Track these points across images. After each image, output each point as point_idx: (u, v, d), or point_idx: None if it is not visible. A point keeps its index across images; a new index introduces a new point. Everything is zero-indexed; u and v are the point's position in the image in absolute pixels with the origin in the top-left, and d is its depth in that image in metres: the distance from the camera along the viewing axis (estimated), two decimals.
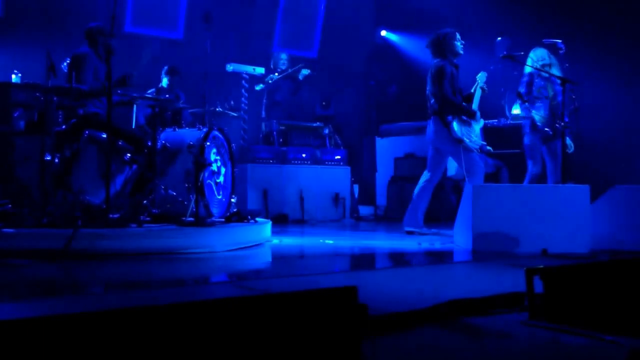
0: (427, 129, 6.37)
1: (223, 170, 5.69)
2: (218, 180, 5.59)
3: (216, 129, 5.63)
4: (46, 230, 4.50)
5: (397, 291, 3.31)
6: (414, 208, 6.34)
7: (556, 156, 6.45)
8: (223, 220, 5.47)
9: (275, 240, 5.75)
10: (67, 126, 5.19)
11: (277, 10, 10.45)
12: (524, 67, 6.56)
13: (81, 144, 5.10)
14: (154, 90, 7.00)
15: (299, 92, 9.31)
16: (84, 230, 4.39)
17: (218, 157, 5.61)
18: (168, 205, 5.25)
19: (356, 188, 9.55)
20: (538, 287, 2.46)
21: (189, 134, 5.48)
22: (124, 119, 5.67)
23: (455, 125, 6.02)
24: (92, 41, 5.46)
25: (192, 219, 4.94)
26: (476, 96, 6.21)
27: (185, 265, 4.29)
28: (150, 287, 3.55)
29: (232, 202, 5.80)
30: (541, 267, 2.48)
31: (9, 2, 7.93)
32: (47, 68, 4.88)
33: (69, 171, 5.01)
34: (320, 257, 4.99)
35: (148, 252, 4.51)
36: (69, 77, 5.44)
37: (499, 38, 9.30)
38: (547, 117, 6.40)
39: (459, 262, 4.72)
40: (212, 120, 6.13)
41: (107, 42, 4.94)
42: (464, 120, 6.12)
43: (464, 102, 6.21)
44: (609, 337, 2.15)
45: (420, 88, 9.90)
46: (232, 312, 1.65)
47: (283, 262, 4.84)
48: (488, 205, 5.02)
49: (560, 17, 8.59)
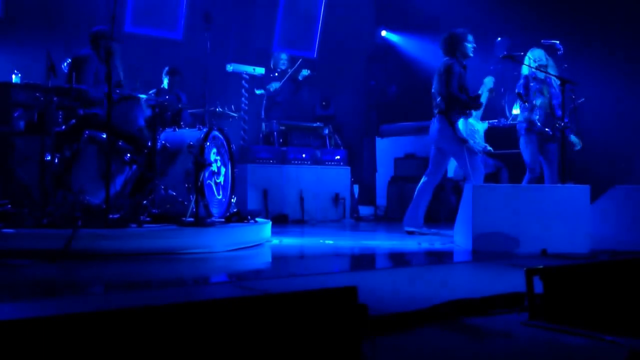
0: (430, 127, 6.36)
1: (223, 171, 5.69)
2: (218, 181, 5.59)
3: (216, 129, 5.63)
4: (46, 230, 4.50)
5: (397, 291, 3.31)
6: (414, 208, 6.34)
7: (552, 159, 6.45)
8: (223, 220, 5.47)
9: (275, 241, 5.75)
10: (67, 126, 5.20)
11: (277, 10, 10.45)
12: (522, 68, 6.56)
13: (81, 144, 5.10)
14: (155, 91, 7.00)
15: (299, 93, 9.31)
16: (84, 231, 4.39)
17: (218, 157, 5.61)
18: (168, 206, 5.25)
19: (356, 188, 9.55)
20: (538, 287, 2.46)
21: (189, 134, 5.48)
22: (125, 118, 5.68)
23: (460, 124, 6.02)
24: (95, 44, 5.51)
25: (192, 219, 4.94)
26: (483, 96, 6.23)
27: (185, 266, 4.29)
28: (150, 287, 3.56)
29: (232, 202, 5.80)
30: (541, 267, 2.48)
31: (9, 2, 7.93)
32: (47, 68, 4.88)
33: (69, 171, 5.01)
34: (320, 258, 4.99)
35: (148, 252, 4.51)
36: (69, 78, 5.45)
37: (499, 38, 9.31)
38: (542, 120, 6.40)
39: (459, 262, 4.72)
40: (212, 121, 6.13)
41: (108, 44, 4.94)
42: (469, 121, 6.12)
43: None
44: (609, 337, 2.15)
45: (420, 88, 9.92)
46: (232, 312, 1.65)
47: (283, 262, 4.84)
48: (488, 206, 5.02)
49: (560, 17, 8.59)
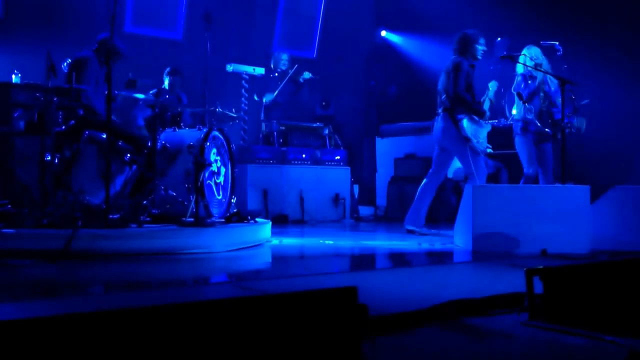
0: (434, 126, 6.36)
1: (223, 171, 5.69)
2: (218, 181, 5.59)
3: (216, 129, 5.63)
4: (46, 230, 4.50)
5: (397, 291, 3.31)
6: (416, 207, 6.34)
7: (546, 160, 6.43)
8: (223, 220, 5.47)
9: (275, 241, 5.75)
10: (67, 126, 5.20)
11: (277, 11, 10.45)
12: (517, 66, 6.55)
13: (81, 144, 5.10)
14: (155, 91, 7.00)
15: (299, 94, 9.31)
16: (84, 231, 4.39)
17: (218, 158, 5.61)
18: (168, 206, 5.25)
19: (356, 188, 9.54)
20: (538, 287, 2.46)
21: (189, 135, 5.48)
22: (124, 117, 5.69)
23: (465, 122, 6.02)
24: (98, 47, 5.53)
25: (192, 220, 4.94)
26: (486, 103, 6.27)
27: (185, 266, 4.29)
28: (150, 287, 3.56)
29: (232, 202, 5.80)
30: (541, 267, 2.48)
31: (9, 2, 7.93)
32: (47, 68, 4.88)
33: (69, 171, 5.02)
34: (320, 258, 4.99)
35: (148, 252, 4.51)
36: (68, 78, 5.45)
37: (499, 39, 9.30)
38: (538, 119, 6.39)
39: (459, 262, 4.72)
40: (212, 121, 6.13)
41: (111, 45, 4.93)
42: (475, 120, 6.12)
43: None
44: (609, 337, 2.15)
45: (420, 88, 9.94)
46: (231, 312, 1.65)
47: (283, 262, 4.83)
48: (488, 206, 5.02)
49: (560, 17, 8.59)
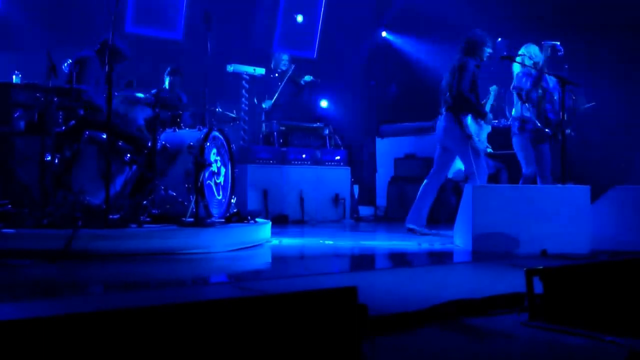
0: (437, 125, 6.37)
1: (223, 171, 5.69)
2: (218, 181, 5.59)
3: (216, 129, 5.63)
4: (46, 230, 4.49)
5: (397, 291, 3.31)
6: (417, 207, 6.34)
7: (544, 160, 6.42)
8: (223, 220, 5.47)
9: (275, 241, 5.75)
10: (67, 126, 5.20)
11: (277, 11, 10.46)
12: (514, 65, 6.54)
13: (81, 144, 5.10)
14: (156, 92, 6.99)
15: (300, 95, 9.31)
16: (84, 231, 4.39)
17: (218, 158, 5.61)
18: (168, 206, 5.25)
19: (356, 188, 9.54)
20: (538, 287, 2.46)
21: (189, 135, 5.48)
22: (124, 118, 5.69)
23: (469, 120, 6.04)
24: (100, 48, 5.52)
25: (192, 220, 4.94)
26: (487, 106, 6.32)
27: (185, 266, 4.29)
28: (150, 287, 3.56)
29: (232, 202, 5.80)
30: (541, 267, 2.48)
31: (9, 2, 7.94)
32: (47, 68, 4.88)
33: (69, 171, 5.01)
34: (320, 258, 4.99)
35: (148, 252, 4.51)
36: (69, 78, 5.45)
37: (499, 39, 9.30)
38: (535, 118, 6.37)
39: (459, 262, 4.72)
40: (212, 121, 6.13)
41: (113, 46, 4.93)
42: (477, 120, 6.13)
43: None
44: (608, 338, 2.15)
45: (420, 88, 9.92)
46: (231, 312, 1.65)
47: (283, 262, 4.83)
48: (488, 206, 5.02)
49: (560, 17, 8.59)
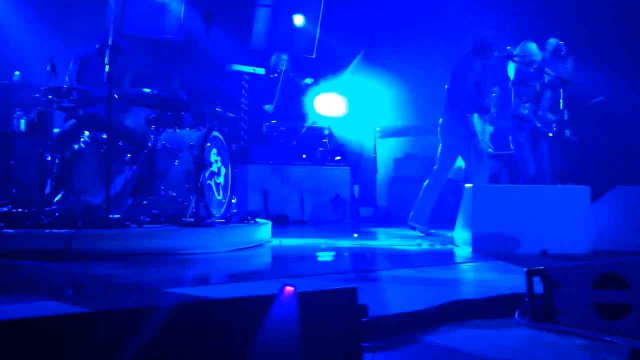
0: (441, 122, 6.36)
1: (223, 171, 5.69)
2: (218, 181, 5.59)
3: (216, 129, 5.63)
4: (46, 230, 4.50)
5: (397, 292, 3.31)
6: (420, 205, 6.35)
7: (543, 158, 6.42)
8: (223, 220, 5.47)
9: (275, 241, 5.75)
10: (67, 126, 5.21)
11: (278, 11, 10.46)
12: (509, 64, 6.54)
13: (81, 144, 5.10)
14: (155, 92, 6.99)
15: (300, 97, 9.32)
16: (84, 231, 4.39)
17: (218, 158, 5.61)
18: (168, 206, 5.25)
19: (356, 189, 9.55)
20: (538, 287, 2.46)
21: (189, 135, 5.48)
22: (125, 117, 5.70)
23: (475, 118, 6.04)
24: (102, 48, 5.54)
25: (192, 220, 4.94)
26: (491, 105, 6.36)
27: (185, 266, 4.29)
28: (150, 288, 3.55)
29: (232, 202, 5.80)
30: (541, 267, 2.48)
31: (10, 2, 7.94)
32: (47, 68, 4.88)
33: (69, 171, 5.02)
34: (320, 258, 4.99)
35: (148, 252, 4.51)
36: (70, 78, 5.46)
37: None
38: (533, 116, 6.36)
39: (459, 262, 4.72)
40: (212, 121, 6.13)
41: (113, 50, 4.94)
42: (483, 119, 6.14)
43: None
44: (608, 338, 2.15)
45: (420, 88, 9.92)
46: (231, 313, 1.65)
47: (283, 263, 4.84)
48: (488, 206, 5.02)
49: (560, 17, 8.59)
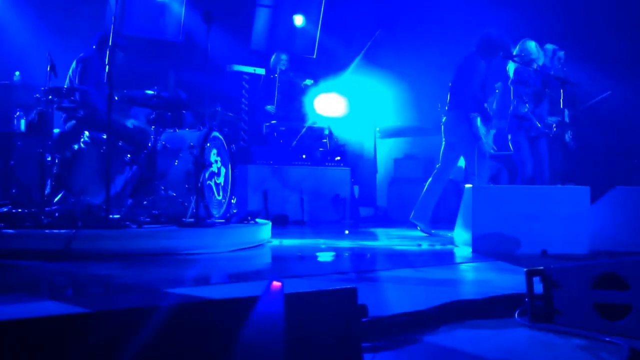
0: (445, 121, 6.35)
1: (223, 171, 5.69)
2: (218, 181, 5.60)
3: (216, 129, 5.63)
4: (46, 230, 4.50)
5: (397, 292, 3.31)
6: (423, 203, 6.36)
7: (542, 158, 6.41)
8: (223, 221, 5.47)
9: (275, 241, 5.75)
10: (67, 127, 5.21)
11: (278, 11, 10.46)
12: (509, 63, 6.53)
13: (81, 144, 5.11)
14: (155, 92, 7.00)
15: (300, 98, 9.32)
16: (84, 231, 4.39)
17: (218, 158, 5.62)
18: (168, 206, 5.25)
19: (356, 189, 9.55)
20: (538, 287, 2.46)
21: (189, 135, 5.48)
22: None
23: (479, 122, 6.05)
24: (100, 47, 5.55)
25: (192, 220, 4.94)
26: (494, 104, 6.38)
27: (185, 266, 4.29)
28: (149, 288, 3.55)
29: (232, 203, 5.80)
30: (541, 268, 2.48)
31: (10, 2, 7.94)
32: (47, 68, 4.89)
33: (69, 172, 5.02)
34: (320, 258, 4.99)
35: (148, 252, 4.51)
36: (70, 79, 5.46)
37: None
38: (532, 116, 6.36)
39: (459, 263, 4.72)
40: (212, 121, 6.13)
41: (113, 48, 4.95)
42: (486, 121, 6.15)
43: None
44: (608, 338, 2.15)
45: (420, 89, 9.92)
46: (231, 313, 1.65)
47: (283, 263, 4.84)
48: (488, 206, 5.02)
49: (560, 17, 8.60)
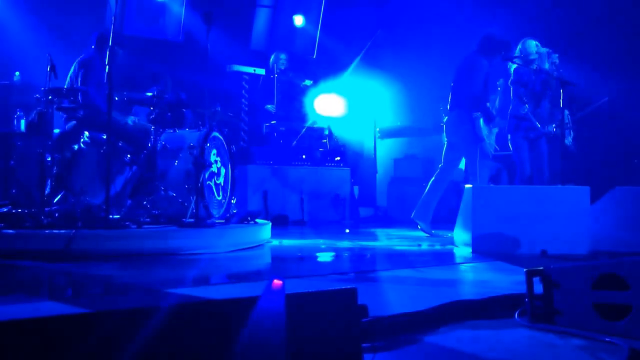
0: (446, 121, 6.34)
1: (223, 171, 5.69)
2: (218, 182, 5.60)
3: (216, 129, 5.63)
4: (46, 230, 4.50)
5: (397, 292, 3.31)
6: (425, 202, 6.36)
7: (541, 158, 6.41)
8: (223, 221, 5.47)
9: (275, 242, 5.75)
10: (67, 127, 5.21)
11: (278, 11, 10.46)
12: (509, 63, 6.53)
13: (81, 144, 5.11)
14: (155, 92, 7.00)
15: (299, 96, 9.32)
16: (84, 231, 4.40)
17: (218, 158, 5.62)
18: (168, 207, 5.25)
19: (356, 189, 9.55)
20: (538, 288, 2.46)
21: (189, 135, 5.49)
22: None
23: (481, 122, 6.04)
24: (100, 46, 5.54)
25: (192, 220, 4.94)
26: (496, 102, 6.39)
27: (185, 266, 4.29)
28: (149, 288, 3.55)
29: (232, 203, 5.80)
30: (541, 268, 2.48)
31: (10, 2, 7.94)
32: (47, 69, 4.89)
33: (69, 172, 5.02)
34: (320, 259, 4.99)
35: (148, 252, 4.51)
36: (71, 80, 5.47)
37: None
38: (532, 116, 6.35)
39: (459, 263, 4.72)
40: (212, 122, 6.13)
41: (113, 47, 4.95)
42: (489, 121, 6.14)
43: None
44: (608, 338, 2.15)
45: (420, 89, 9.92)
46: (231, 313, 1.65)
47: (283, 263, 4.83)
48: (488, 206, 5.02)
49: (560, 17, 8.60)
